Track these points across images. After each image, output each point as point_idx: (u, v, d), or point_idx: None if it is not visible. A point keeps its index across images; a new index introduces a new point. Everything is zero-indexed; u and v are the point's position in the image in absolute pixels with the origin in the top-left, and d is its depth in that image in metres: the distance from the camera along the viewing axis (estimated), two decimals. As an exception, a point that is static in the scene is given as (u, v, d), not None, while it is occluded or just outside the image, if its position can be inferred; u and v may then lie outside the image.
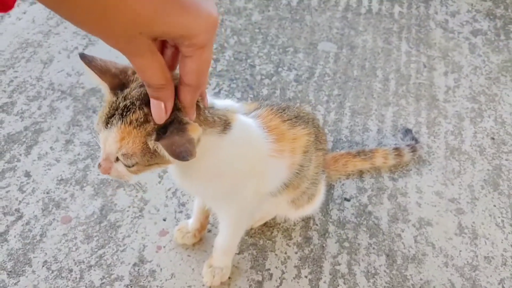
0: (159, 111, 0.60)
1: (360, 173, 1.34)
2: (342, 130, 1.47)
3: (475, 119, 1.55)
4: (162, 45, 0.58)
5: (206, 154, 0.72)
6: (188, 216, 1.18)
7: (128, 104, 0.64)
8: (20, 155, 1.28)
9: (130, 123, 0.64)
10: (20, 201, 1.17)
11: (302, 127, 0.92)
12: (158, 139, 0.63)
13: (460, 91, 1.66)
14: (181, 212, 1.20)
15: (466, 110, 1.59)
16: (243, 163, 0.83)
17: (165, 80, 0.56)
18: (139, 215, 1.18)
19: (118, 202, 1.20)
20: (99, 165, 0.69)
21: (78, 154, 1.30)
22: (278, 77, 1.63)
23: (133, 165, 0.68)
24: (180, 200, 1.22)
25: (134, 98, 0.65)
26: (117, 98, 0.66)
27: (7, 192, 1.19)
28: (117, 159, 0.68)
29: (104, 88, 0.68)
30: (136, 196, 1.22)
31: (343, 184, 1.31)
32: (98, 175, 1.25)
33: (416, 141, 1.39)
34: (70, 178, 1.24)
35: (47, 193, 1.20)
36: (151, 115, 0.62)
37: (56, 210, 1.17)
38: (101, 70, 0.67)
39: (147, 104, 0.62)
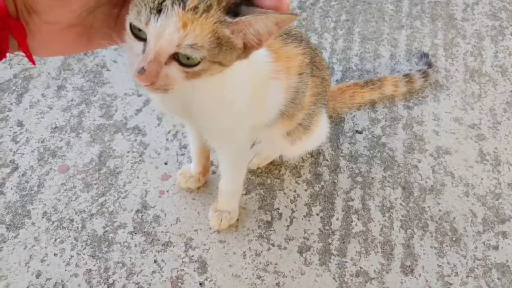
0: None
1: (372, 103, 1.25)
2: (351, 58, 1.37)
3: (496, 38, 1.43)
4: None
5: (216, 79, 0.62)
6: (190, 159, 1.12)
7: None
8: (11, 104, 1.21)
9: (194, 8, 0.51)
10: (14, 152, 1.12)
11: (295, 45, 0.83)
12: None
13: (480, 8, 1.52)
14: (183, 154, 1.14)
15: (486, 28, 1.46)
16: (248, 89, 0.75)
17: None
18: (139, 160, 1.12)
19: (117, 147, 1.14)
20: (141, 71, 0.53)
21: (72, 100, 1.23)
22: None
23: (197, 63, 0.54)
24: (181, 142, 1.16)
25: None
26: None
27: (0, 143, 1.13)
28: (169, 59, 0.54)
29: None
30: (135, 140, 1.15)
31: (354, 116, 1.23)
32: (94, 120, 1.18)
33: (430, 65, 1.28)
34: (65, 125, 1.18)
35: (42, 142, 1.14)
36: None
37: (53, 159, 1.11)
38: None
39: None
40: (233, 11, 0.53)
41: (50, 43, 0.50)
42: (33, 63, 0.49)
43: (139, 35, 0.54)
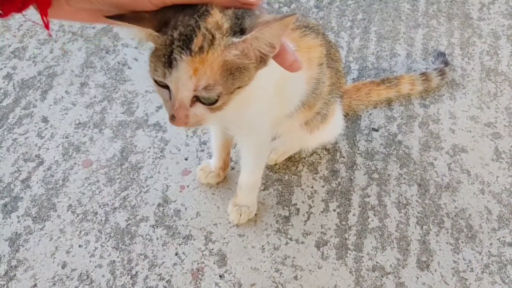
0: None
1: (388, 101, 1.27)
2: (368, 56, 1.38)
3: (512, 37, 1.44)
4: None
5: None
6: (209, 155, 1.14)
7: (184, 30, 0.54)
8: (36, 100, 1.25)
9: (200, 49, 0.54)
10: (39, 147, 1.16)
11: (313, 37, 0.86)
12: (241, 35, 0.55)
13: (496, 7, 1.53)
14: (202, 150, 1.16)
15: (503, 28, 1.46)
16: (274, 82, 0.77)
17: None
18: (160, 156, 1.15)
19: (138, 143, 1.17)
20: (172, 118, 0.59)
21: (94, 97, 1.26)
22: (297, 4, 1.52)
23: (217, 99, 0.59)
24: (201, 138, 1.18)
25: (186, 21, 0.55)
26: (167, 34, 0.55)
27: (26, 138, 1.17)
28: (193, 102, 0.59)
29: (147, 35, 0.57)
30: (156, 136, 1.18)
31: (370, 114, 1.25)
32: (116, 117, 1.21)
33: (446, 64, 1.29)
34: (88, 121, 1.21)
35: (66, 137, 1.18)
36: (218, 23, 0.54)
37: (77, 154, 1.15)
38: (135, 18, 0.54)
39: (205, 19, 0.54)
40: (240, 29, 0.55)
41: (64, 16, 0.55)
42: (48, 29, 0.53)
43: (162, 83, 0.59)
